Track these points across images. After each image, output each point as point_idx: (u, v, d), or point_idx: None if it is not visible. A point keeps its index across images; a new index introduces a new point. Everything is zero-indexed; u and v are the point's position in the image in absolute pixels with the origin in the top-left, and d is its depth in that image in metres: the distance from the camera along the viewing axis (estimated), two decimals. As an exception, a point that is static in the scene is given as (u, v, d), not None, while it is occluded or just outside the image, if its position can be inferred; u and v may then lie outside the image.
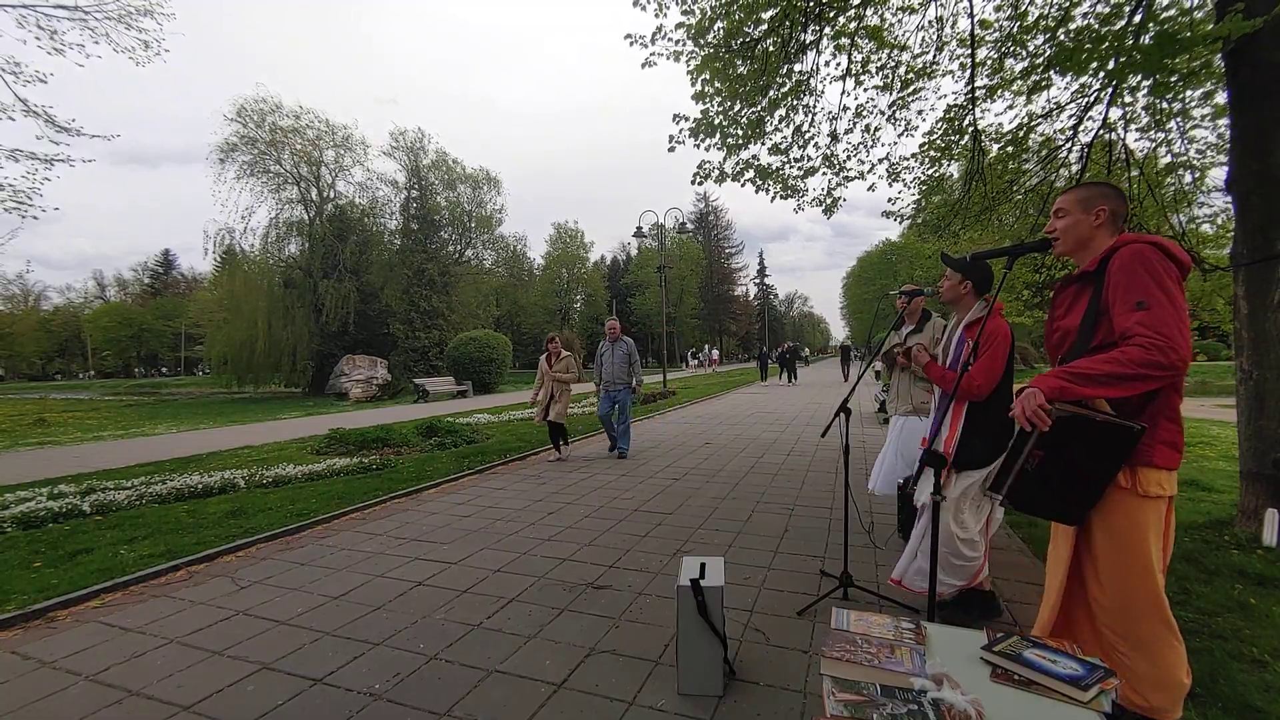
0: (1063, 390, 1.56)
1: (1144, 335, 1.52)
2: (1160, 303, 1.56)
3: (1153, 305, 1.56)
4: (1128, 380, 1.53)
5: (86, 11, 7.92)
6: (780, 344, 27.58)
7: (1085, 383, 1.55)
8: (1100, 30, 4.00)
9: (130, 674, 2.54)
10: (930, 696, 1.17)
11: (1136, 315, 1.57)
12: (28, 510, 4.79)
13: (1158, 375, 1.52)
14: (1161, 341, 1.50)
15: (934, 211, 6.51)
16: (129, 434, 11.94)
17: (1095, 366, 1.55)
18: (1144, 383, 1.54)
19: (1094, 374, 1.54)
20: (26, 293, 65.77)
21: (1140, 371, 1.51)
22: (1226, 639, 2.49)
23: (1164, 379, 1.55)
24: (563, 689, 2.34)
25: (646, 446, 8.39)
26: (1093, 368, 1.56)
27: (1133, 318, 1.57)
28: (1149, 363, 1.50)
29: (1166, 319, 1.54)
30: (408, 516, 4.93)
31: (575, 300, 54.42)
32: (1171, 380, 1.59)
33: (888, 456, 3.81)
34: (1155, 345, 1.50)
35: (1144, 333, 1.53)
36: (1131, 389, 1.55)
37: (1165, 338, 1.51)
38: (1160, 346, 1.50)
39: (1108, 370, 1.53)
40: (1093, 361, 1.58)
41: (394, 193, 33.75)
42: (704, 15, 5.05)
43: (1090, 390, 1.55)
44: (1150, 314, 1.55)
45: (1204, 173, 5.41)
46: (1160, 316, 1.54)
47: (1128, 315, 1.59)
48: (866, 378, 21.19)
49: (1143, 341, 1.52)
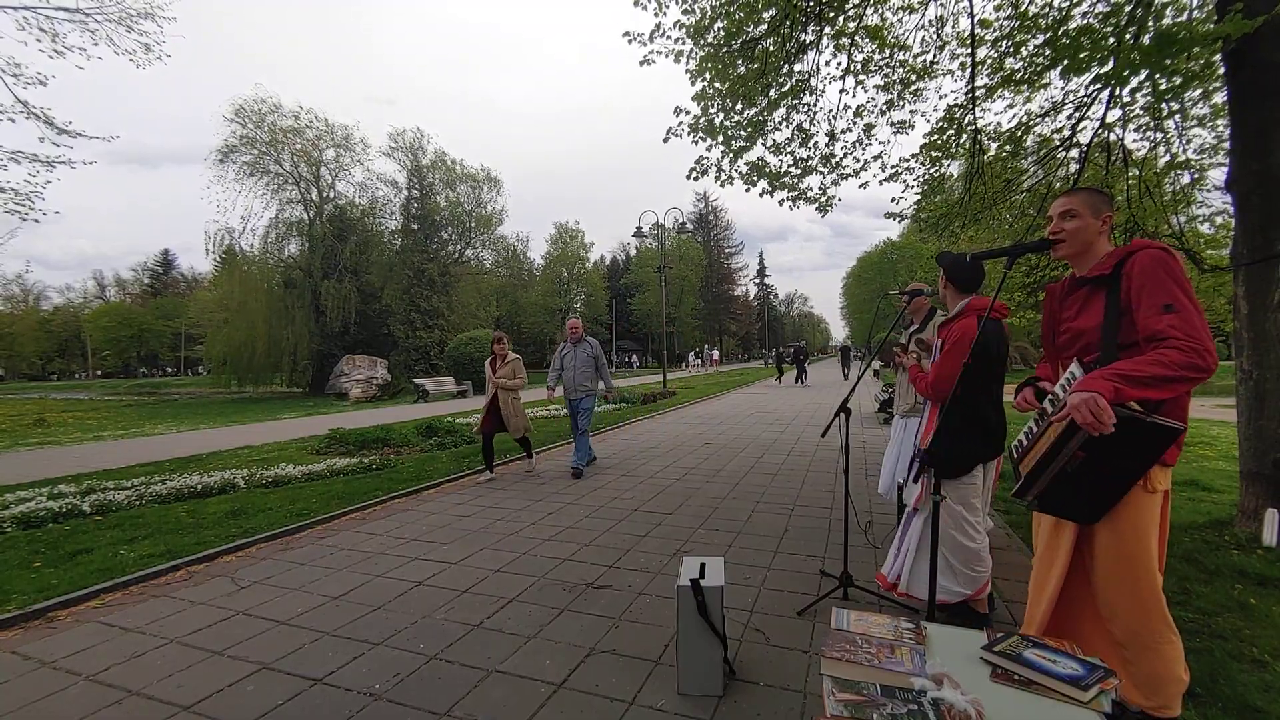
0: (1117, 392, 1.56)
1: (1179, 339, 1.56)
2: (1186, 307, 1.60)
3: (1181, 309, 1.60)
4: (1171, 382, 1.55)
5: (87, 14, 7.93)
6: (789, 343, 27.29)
7: (1135, 385, 1.56)
8: (1100, 30, 3.99)
9: (130, 674, 2.54)
10: (930, 696, 1.18)
11: (1168, 318, 1.60)
12: (28, 510, 4.79)
13: (1194, 377, 1.55)
14: (1198, 344, 1.54)
15: (934, 211, 6.50)
16: (129, 434, 11.94)
17: (1141, 369, 1.57)
18: (1184, 384, 1.57)
19: (1142, 376, 1.56)
20: (26, 293, 65.84)
21: (1181, 374, 1.54)
22: (1226, 639, 2.48)
23: (1199, 380, 1.58)
24: (563, 689, 2.34)
25: (646, 446, 8.38)
26: (1139, 370, 1.57)
27: (1164, 320, 1.60)
28: (1189, 365, 1.53)
29: (1195, 322, 1.58)
30: (408, 516, 4.93)
31: (575, 300, 54.41)
32: (1204, 380, 1.62)
33: (890, 457, 3.81)
34: (1193, 349, 1.54)
35: (1179, 335, 1.56)
36: (1173, 390, 1.58)
37: (1199, 340, 1.55)
38: (1198, 350, 1.54)
39: (1154, 373, 1.55)
40: (1136, 364, 1.59)
41: (394, 193, 33.82)
42: (704, 14, 5.05)
43: (1140, 392, 1.57)
44: (1180, 317, 1.59)
45: (1203, 173, 5.41)
46: (1189, 320, 1.58)
47: (1158, 318, 1.62)
48: (866, 377, 21.17)
49: (1180, 345, 1.55)
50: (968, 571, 2.64)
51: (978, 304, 2.69)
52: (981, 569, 2.64)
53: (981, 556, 2.64)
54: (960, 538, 2.63)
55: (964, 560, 2.63)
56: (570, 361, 6.49)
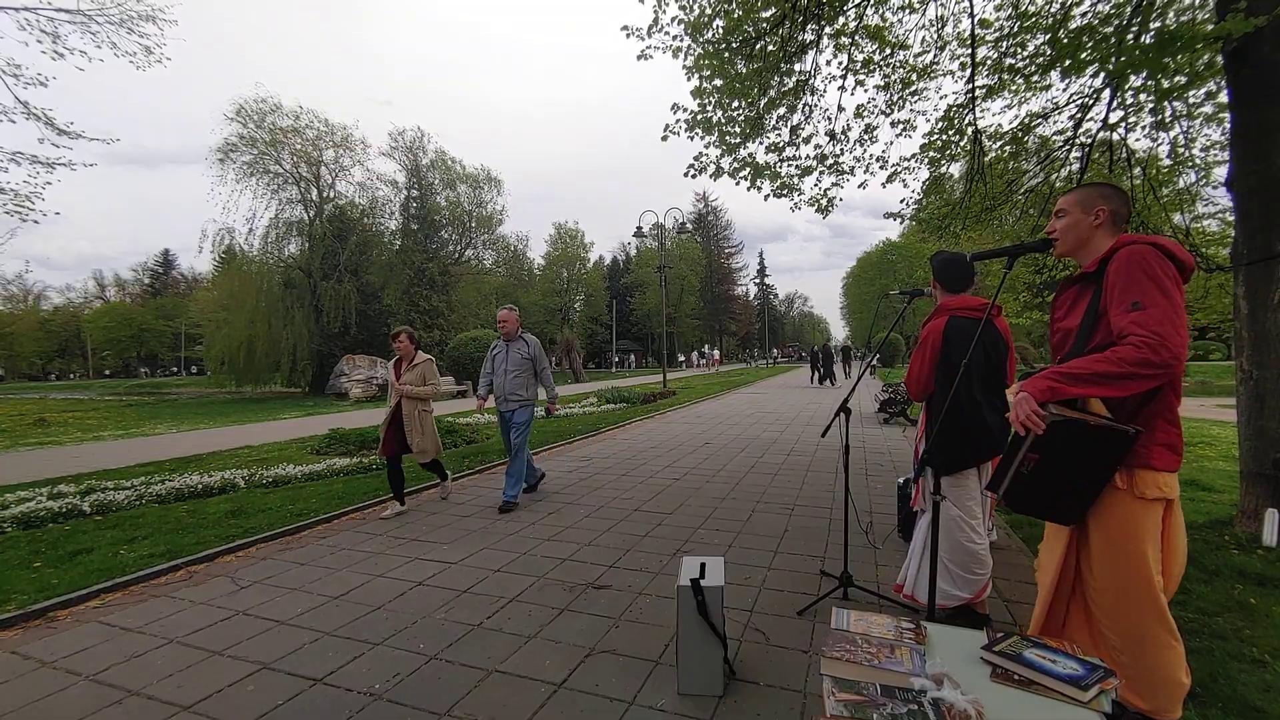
0: (1052, 391, 1.55)
1: (1137, 335, 1.52)
2: (1156, 302, 1.56)
3: (1148, 305, 1.56)
4: (1118, 379, 1.52)
5: (88, 15, 7.93)
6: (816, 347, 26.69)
7: (1074, 382, 1.54)
8: (1100, 29, 3.99)
9: (130, 674, 2.54)
10: (930, 696, 1.17)
11: (1132, 315, 1.57)
12: (28, 510, 4.79)
13: (1149, 373, 1.51)
14: (1154, 339, 1.50)
15: (933, 212, 6.50)
16: (129, 434, 11.94)
17: (1085, 366, 1.55)
18: (1136, 381, 1.53)
19: (1083, 373, 1.54)
20: (26, 293, 65.82)
21: (1130, 370, 1.50)
22: (1226, 639, 2.48)
23: (1157, 377, 1.53)
24: (563, 689, 2.34)
25: (646, 446, 8.38)
26: (1082, 367, 1.55)
27: (1128, 318, 1.57)
28: (1139, 360, 1.50)
29: (1161, 318, 1.53)
30: (408, 516, 4.93)
31: (575, 300, 54.42)
32: (1165, 378, 1.57)
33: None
34: (1146, 343, 1.50)
35: (1137, 331, 1.53)
36: (1123, 388, 1.54)
37: (1158, 335, 1.50)
38: (1151, 344, 1.49)
39: (1097, 369, 1.53)
40: (1083, 361, 1.57)
41: (394, 193, 33.82)
42: (702, 12, 5.04)
43: (1080, 390, 1.54)
44: (1145, 313, 1.55)
45: (1208, 171, 5.39)
46: (1155, 315, 1.53)
47: (1123, 315, 1.59)
48: (866, 378, 21.15)
49: (1135, 340, 1.52)
50: (965, 575, 2.64)
51: (949, 304, 2.72)
52: (980, 571, 2.64)
53: (980, 558, 2.64)
54: (959, 537, 2.63)
55: (961, 563, 2.63)
56: (500, 363, 5.27)
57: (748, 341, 72.28)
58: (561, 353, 35.85)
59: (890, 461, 6.93)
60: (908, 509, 3.91)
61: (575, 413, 12.43)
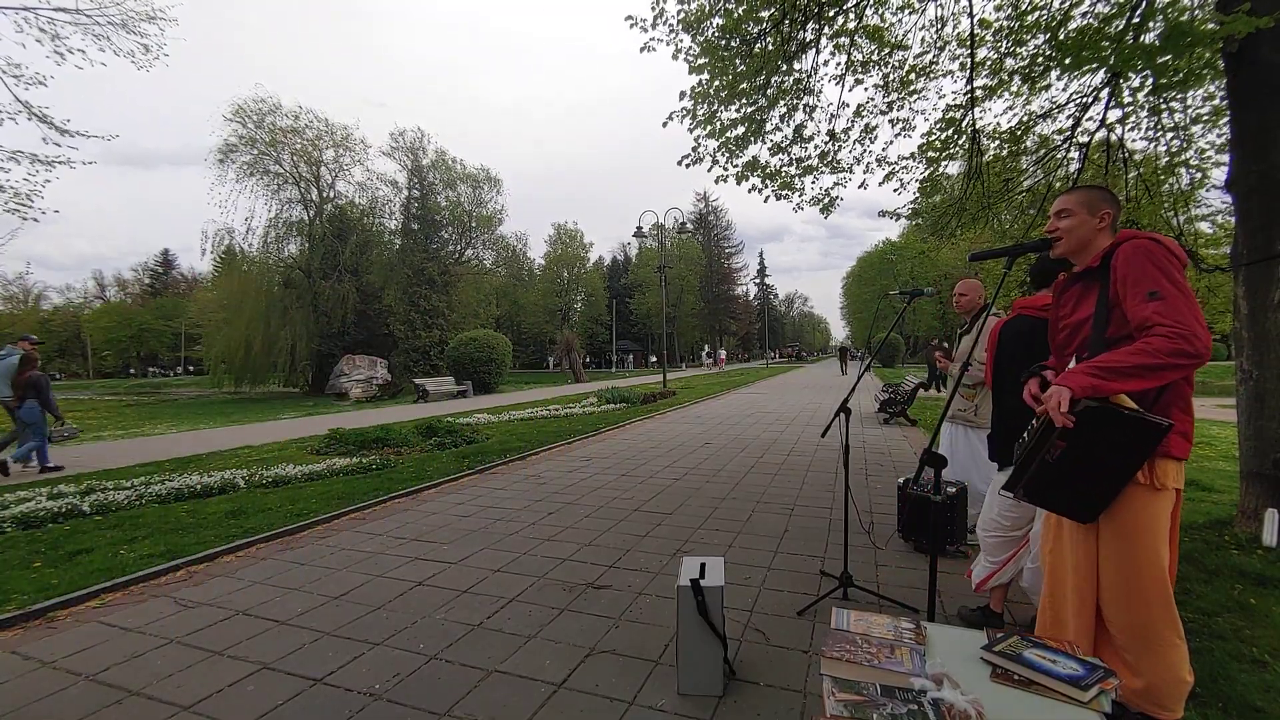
0: (1095, 388, 1.53)
1: (1165, 325, 1.53)
2: (1172, 293, 1.57)
3: (1166, 295, 1.57)
4: (1156, 371, 1.52)
5: (88, 15, 7.92)
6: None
7: (1115, 377, 1.53)
8: (1101, 29, 3.99)
9: (130, 674, 2.53)
10: (930, 696, 1.18)
11: (1152, 305, 1.57)
12: (28, 510, 4.78)
13: (1183, 364, 1.52)
14: (1185, 330, 1.51)
15: (932, 212, 6.50)
16: (129, 434, 11.93)
17: (1123, 359, 1.54)
18: (1171, 372, 1.53)
19: (1123, 367, 1.53)
20: (26, 293, 65.77)
21: (1168, 361, 1.50)
22: (1226, 639, 2.48)
23: (1188, 368, 1.54)
24: (563, 689, 2.34)
25: (646, 446, 8.38)
26: (1121, 360, 1.54)
27: (1149, 308, 1.57)
28: (1175, 351, 1.50)
29: (1181, 308, 1.54)
30: (408, 516, 4.93)
31: (575, 300, 54.43)
32: (1196, 368, 1.57)
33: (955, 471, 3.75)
34: (1179, 334, 1.50)
35: (1164, 322, 1.53)
36: (1159, 379, 1.54)
37: (1186, 326, 1.51)
38: (1184, 335, 1.50)
39: (1136, 362, 1.52)
40: (1119, 355, 1.56)
41: (394, 192, 33.75)
42: (701, 10, 5.04)
43: (1121, 384, 1.53)
44: (1166, 304, 1.55)
45: (1205, 173, 5.40)
46: (1175, 306, 1.55)
47: (1143, 305, 1.59)
48: (866, 378, 21.15)
49: (1166, 331, 1.52)
50: (984, 558, 2.70)
51: (1020, 302, 2.79)
52: (992, 560, 2.67)
53: (994, 549, 2.65)
54: (994, 516, 2.65)
55: (985, 545, 2.69)
56: None
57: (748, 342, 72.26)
58: (561, 352, 35.85)
59: (890, 461, 6.93)
60: (908, 509, 3.91)
61: (575, 413, 12.43)
